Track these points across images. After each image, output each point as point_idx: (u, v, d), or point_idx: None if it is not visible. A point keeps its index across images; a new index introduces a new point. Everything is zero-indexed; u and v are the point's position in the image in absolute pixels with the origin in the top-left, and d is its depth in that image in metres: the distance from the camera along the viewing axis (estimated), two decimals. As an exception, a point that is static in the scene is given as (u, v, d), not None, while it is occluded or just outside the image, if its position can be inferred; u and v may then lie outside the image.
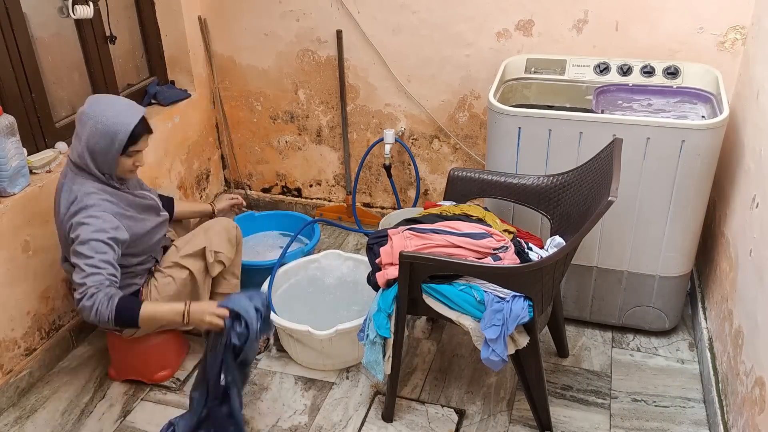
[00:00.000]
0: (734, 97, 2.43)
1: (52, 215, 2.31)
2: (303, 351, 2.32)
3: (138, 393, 2.29)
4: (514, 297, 1.83)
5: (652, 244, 2.26)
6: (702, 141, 2.05)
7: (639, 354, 2.40)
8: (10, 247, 2.18)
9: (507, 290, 1.85)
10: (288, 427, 2.14)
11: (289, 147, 3.25)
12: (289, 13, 2.91)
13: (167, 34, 2.97)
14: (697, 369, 2.32)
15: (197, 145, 3.16)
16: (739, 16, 2.37)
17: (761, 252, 1.83)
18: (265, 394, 2.27)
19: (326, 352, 2.29)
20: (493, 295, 1.84)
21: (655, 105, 2.28)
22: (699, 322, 2.41)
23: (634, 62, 2.42)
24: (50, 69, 2.44)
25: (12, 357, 2.24)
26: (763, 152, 1.93)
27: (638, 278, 2.34)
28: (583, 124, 2.14)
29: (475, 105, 2.84)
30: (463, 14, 2.67)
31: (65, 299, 2.45)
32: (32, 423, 2.18)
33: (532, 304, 1.82)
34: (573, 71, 2.47)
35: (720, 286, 2.26)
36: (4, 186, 2.14)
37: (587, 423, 2.12)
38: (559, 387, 2.26)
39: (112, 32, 2.67)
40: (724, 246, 2.28)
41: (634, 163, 2.13)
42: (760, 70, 2.13)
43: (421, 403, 2.21)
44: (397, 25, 2.78)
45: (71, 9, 2.39)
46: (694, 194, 2.15)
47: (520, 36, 2.64)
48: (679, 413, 2.14)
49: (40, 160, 2.31)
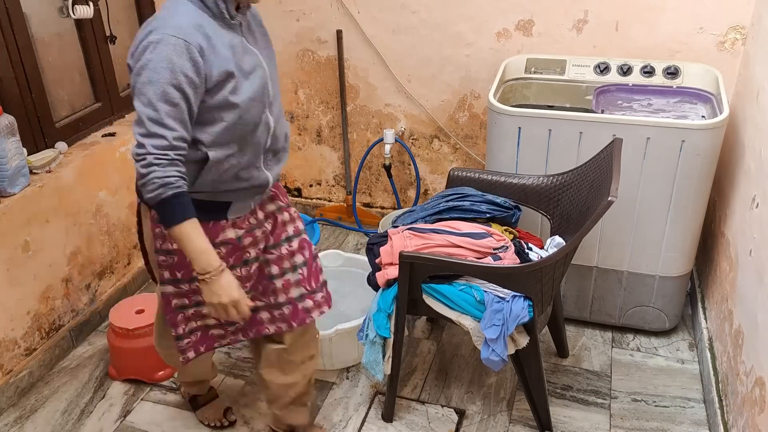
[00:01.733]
0: (734, 97, 2.43)
1: (52, 215, 2.32)
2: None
3: (138, 393, 2.29)
4: (514, 297, 1.83)
5: (652, 244, 2.26)
6: (702, 141, 2.05)
7: (639, 354, 2.40)
8: (10, 247, 2.18)
9: (507, 290, 1.85)
10: (288, 427, 2.14)
11: (289, 147, 3.24)
12: (289, 13, 2.91)
13: (167, 34, 2.96)
14: (697, 369, 2.32)
15: (197, 145, 3.15)
16: (739, 16, 2.37)
17: (761, 252, 1.83)
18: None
19: (326, 352, 2.28)
20: (493, 295, 1.84)
21: (655, 105, 2.28)
22: (699, 322, 2.41)
23: (634, 62, 2.42)
24: (50, 69, 2.44)
25: (12, 357, 2.24)
26: (763, 152, 1.93)
27: (638, 278, 2.34)
28: (583, 124, 2.14)
29: (475, 105, 2.84)
30: (463, 14, 2.67)
31: (65, 299, 2.45)
32: (32, 423, 2.18)
33: (532, 304, 1.82)
34: (573, 71, 2.47)
35: (720, 286, 2.26)
36: (4, 186, 2.14)
37: (587, 423, 2.12)
38: (559, 387, 2.26)
39: (112, 32, 2.67)
40: (724, 246, 2.28)
41: (634, 163, 2.13)
42: (760, 70, 2.13)
43: (421, 403, 2.21)
44: (397, 25, 2.78)
45: (71, 9, 2.39)
46: (694, 194, 2.15)
47: (520, 36, 2.64)
48: (679, 413, 2.14)
49: (40, 160, 2.31)
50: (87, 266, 2.54)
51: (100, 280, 2.63)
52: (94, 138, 2.61)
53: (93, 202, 2.52)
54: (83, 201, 2.47)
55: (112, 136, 2.62)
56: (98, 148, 2.54)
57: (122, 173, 2.66)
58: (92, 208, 2.52)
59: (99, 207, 2.56)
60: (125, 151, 2.66)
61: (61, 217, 2.37)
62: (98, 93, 2.67)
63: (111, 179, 2.60)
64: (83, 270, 2.52)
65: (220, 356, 2.44)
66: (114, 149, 2.61)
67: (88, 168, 2.47)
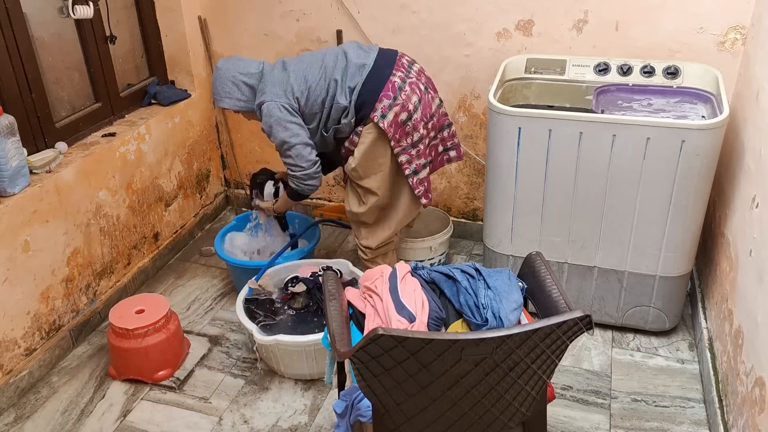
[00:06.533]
0: (734, 97, 2.43)
1: (52, 215, 2.32)
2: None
3: (138, 393, 2.29)
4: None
5: (652, 244, 2.26)
6: (702, 141, 2.05)
7: (639, 354, 2.40)
8: (10, 247, 2.18)
9: None
10: (288, 427, 2.14)
11: (289, 147, 3.24)
12: (289, 13, 2.91)
13: (167, 34, 2.97)
14: (697, 369, 2.32)
15: (197, 145, 3.16)
16: (739, 16, 2.37)
17: (761, 252, 1.83)
18: (265, 394, 2.27)
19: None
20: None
21: (655, 105, 2.28)
22: (699, 322, 2.41)
23: (634, 62, 2.42)
24: (50, 69, 2.44)
25: (12, 357, 2.24)
26: (763, 152, 1.93)
27: (638, 278, 2.34)
28: (583, 124, 2.14)
29: (475, 105, 2.84)
30: (463, 14, 2.67)
31: (65, 299, 2.45)
32: (32, 423, 2.18)
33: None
34: (573, 71, 2.47)
35: (720, 286, 2.26)
36: (4, 186, 2.14)
37: (587, 423, 2.12)
38: (559, 387, 2.26)
39: (112, 32, 2.67)
40: (724, 246, 2.28)
41: (634, 163, 2.14)
42: (760, 70, 2.13)
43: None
44: (397, 25, 2.78)
45: (71, 9, 2.40)
46: (694, 194, 2.15)
47: (520, 36, 2.64)
48: (679, 413, 2.14)
49: (40, 160, 2.31)
50: (87, 266, 2.54)
51: (100, 280, 2.63)
52: (94, 138, 2.61)
53: (93, 202, 2.53)
54: (83, 201, 2.47)
55: (112, 136, 2.62)
56: (98, 148, 2.54)
57: (122, 173, 2.66)
58: (92, 208, 2.53)
59: (99, 207, 2.56)
60: (125, 151, 2.66)
61: (61, 217, 2.37)
62: (98, 93, 2.67)
63: (111, 179, 2.60)
64: (83, 270, 2.52)
65: (220, 356, 2.45)
66: (114, 149, 2.61)
67: (88, 168, 2.47)
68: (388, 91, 2.19)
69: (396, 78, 2.21)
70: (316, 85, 2.23)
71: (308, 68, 2.26)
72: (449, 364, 1.31)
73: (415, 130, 2.25)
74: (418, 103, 2.23)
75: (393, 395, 1.39)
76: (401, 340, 1.26)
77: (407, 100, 2.20)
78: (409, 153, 2.28)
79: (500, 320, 1.62)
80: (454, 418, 1.44)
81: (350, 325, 1.71)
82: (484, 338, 1.27)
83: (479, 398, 1.40)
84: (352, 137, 2.27)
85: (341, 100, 2.20)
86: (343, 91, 2.20)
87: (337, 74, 2.22)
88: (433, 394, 1.38)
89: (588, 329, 1.36)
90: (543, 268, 1.71)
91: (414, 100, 2.22)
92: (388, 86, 2.19)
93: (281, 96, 2.23)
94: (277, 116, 2.22)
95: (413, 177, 2.32)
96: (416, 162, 2.30)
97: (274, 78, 2.27)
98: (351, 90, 2.20)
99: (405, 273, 1.79)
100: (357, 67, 2.21)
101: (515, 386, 1.41)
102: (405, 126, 2.22)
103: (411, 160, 2.29)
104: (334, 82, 2.21)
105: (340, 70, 2.22)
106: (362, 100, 2.19)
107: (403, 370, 1.32)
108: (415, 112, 2.23)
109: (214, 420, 2.17)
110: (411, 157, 2.29)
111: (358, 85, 2.19)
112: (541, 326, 1.29)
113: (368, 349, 1.28)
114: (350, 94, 2.20)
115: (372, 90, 2.19)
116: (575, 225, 2.31)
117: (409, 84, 2.22)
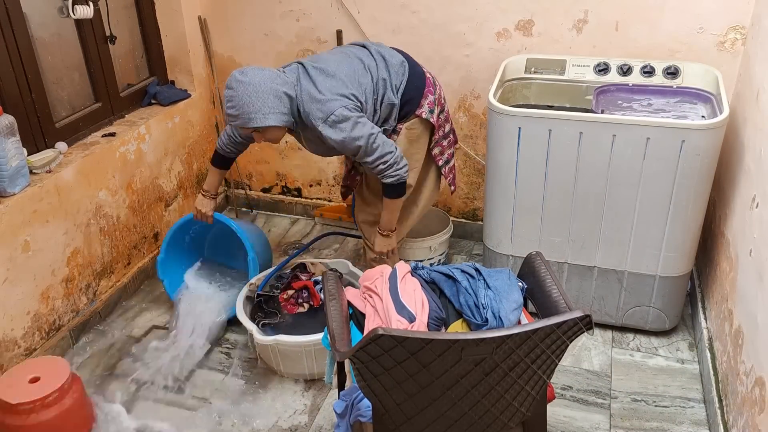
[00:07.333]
0: (734, 97, 2.43)
1: (52, 215, 2.32)
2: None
3: (138, 393, 2.29)
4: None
5: (652, 244, 2.26)
6: (702, 141, 2.05)
7: (639, 354, 2.40)
8: (10, 247, 2.18)
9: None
10: (288, 427, 2.14)
11: (289, 147, 3.25)
12: (289, 13, 2.91)
13: (167, 34, 2.97)
14: (697, 369, 2.32)
15: (197, 145, 3.16)
16: (739, 16, 2.37)
17: (761, 252, 1.83)
18: (265, 393, 2.27)
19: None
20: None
21: (655, 105, 2.28)
22: (699, 322, 2.41)
23: (634, 62, 2.42)
24: (50, 69, 2.44)
25: (12, 357, 2.24)
26: (763, 152, 1.93)
27: (638, 278, 2.34)
28: (583, 124, 2.14)
29: (475, 105, 2.84)
30: (463, 14, 2.67)
31: (65, 299, 2.45)
32: (32, 423, 2.17)
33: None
34: (573, 71, 2.47)
35: (720, 286, 2.26)
36: (4, 186, 2.14)
37: (587, 423, 2.12)
38: (559, 387, 2.26)
39: (112, 32, 2.67)
40: (724, 246, 2.28)
41: (634, 163, 2.14)
42: (760, 70, 2.13)
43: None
44: (397, 25, 2.78)
45: (71, 9, 2.39)
46: (694, 194, 2.15)
47: (520, 36, 2.64)
48: (679, 413, 2.15)
49: (40, 160, 2.31)
50: (87, 266, 2.54)
51: (100, 280, 2.63)
52: (94, 138, 2.61)
53: (93, 202, 2.53)
54: (83, 201, 2.47)
55: (112, 136, 2.62)
56: (98, 148, 2.54)
57: (122, 173, 2.66)
58: (92, 208, 2.53)
59: (99, 207, 2.56)
60: (125, 151, 2.66)
61: (61, 217, 2.37)
62: (98, 93, 2.67)
63: (111, 179, 2.60)
64: (83, 270, 2.52)
65: (220, 356, 2.45)
66: (114, 149, 2.61)
67: (88, 168, 2.47)
68: (429, 86, 2.25)
69: (428, 73, 2.30)
70: (369, 86, 2.14)
71: (354, 71, 2.13)
72: (449, 364, 1.31)
73: (447, 121, 2.38)
74: (443, 96, 2.35)
75: (393, 395, 1.39)
76: (401, 340, 1.26)
77: (441, 93, 2.32)
78: (442, 144, 2.38)
79: (500, 320, 1.62)
80: (454, 418, 1.44)
81: (350, 325, 1.72)
82: (484, 338, 1.27)
83: (479, 398, 1.40)
84: (391, 136, 2.26)
85: (392, 98, 2.19)
86: (392, 89, 2.19)
87: (384, 73, 2.18)
88: (433, 394, 1.38)
89: (588, 329, 1.36)
90: (543, 268, 1.71)
91: (442, 93, 2.34)
92: (428, 82, 2.26)
93: (343, 99, 2.07)
94: (353, 118, 2.06)
95: (445, 167, 2.44)
96: (447, 152, 2.42)
97: (323, 85, 2.07)
98: (397, 88, 2.21)
99: (405, 273, 1.79)
100: (398, 65, 2.21)
101: (515, 386, 1.41)
102: (439, 118, 2.29)
103: (443, 151, 2.40)
104: (383, 81, 2.17)
105: (384, 69, 2.18)
106: (408, 97, 2.22)
107: (403, 370, 1.32)
108: (446, 103, 2.36)
109: (214, 420, 2.17)
110: (443, 149, 2.39)
111: (403, 83, 2.21)
112: (541, 326, 1.29)
113: (368, 349, 1.28)
114: (397, 92, 2.21)
115: (416, 87, 2.23)
116: (575, 225, 2.31)
117: (434, 77, 2.32)
